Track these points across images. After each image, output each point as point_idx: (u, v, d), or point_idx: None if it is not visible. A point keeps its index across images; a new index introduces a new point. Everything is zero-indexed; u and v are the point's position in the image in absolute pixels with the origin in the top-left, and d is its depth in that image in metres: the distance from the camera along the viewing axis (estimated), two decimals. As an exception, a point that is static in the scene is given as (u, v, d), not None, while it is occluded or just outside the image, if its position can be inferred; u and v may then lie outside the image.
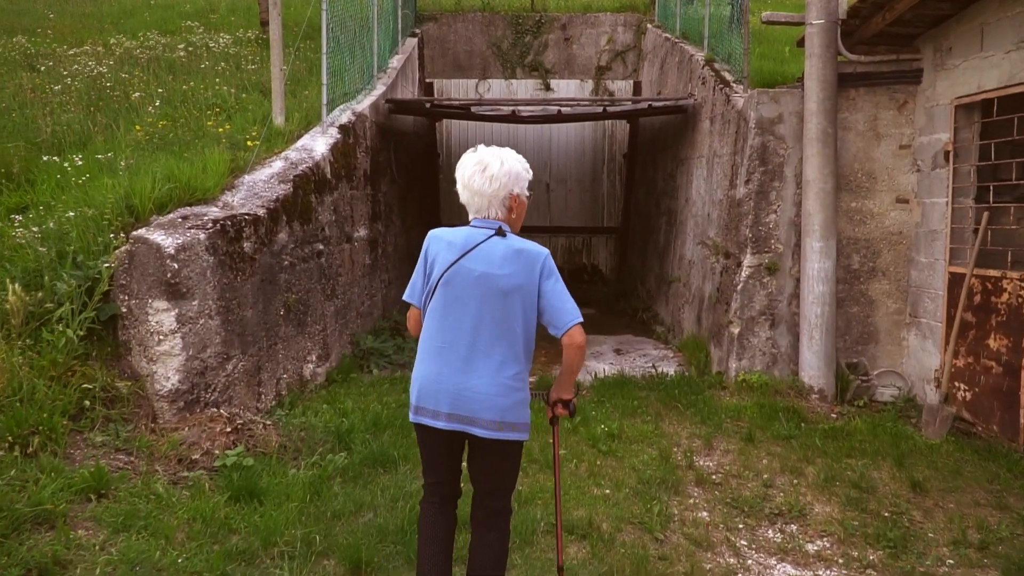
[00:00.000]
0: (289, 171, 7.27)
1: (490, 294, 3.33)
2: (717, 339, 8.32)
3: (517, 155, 3.54)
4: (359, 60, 10.16)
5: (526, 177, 3.54)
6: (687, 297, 9.86)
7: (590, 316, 12.39)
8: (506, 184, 3.42)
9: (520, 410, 3.40)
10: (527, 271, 3.35)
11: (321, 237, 7.71)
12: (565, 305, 3.37)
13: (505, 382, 3.33)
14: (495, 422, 3.33)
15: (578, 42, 15.31)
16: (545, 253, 3.42)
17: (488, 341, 3.34)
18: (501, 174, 3.41)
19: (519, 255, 3.35)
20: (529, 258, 3.37)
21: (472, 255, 3.36)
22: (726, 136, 8.67)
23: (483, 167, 3.42)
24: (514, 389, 3.36)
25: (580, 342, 3.38)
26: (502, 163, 3.44)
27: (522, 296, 3.34)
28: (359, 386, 7.68)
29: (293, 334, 7.04)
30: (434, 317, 3.42)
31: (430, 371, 3.39)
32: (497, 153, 3.48)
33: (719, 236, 8.67)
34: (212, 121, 8.16)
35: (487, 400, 3.32)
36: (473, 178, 3.43)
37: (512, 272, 3.33)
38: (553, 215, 15.46)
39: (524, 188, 3.53)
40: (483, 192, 3.41)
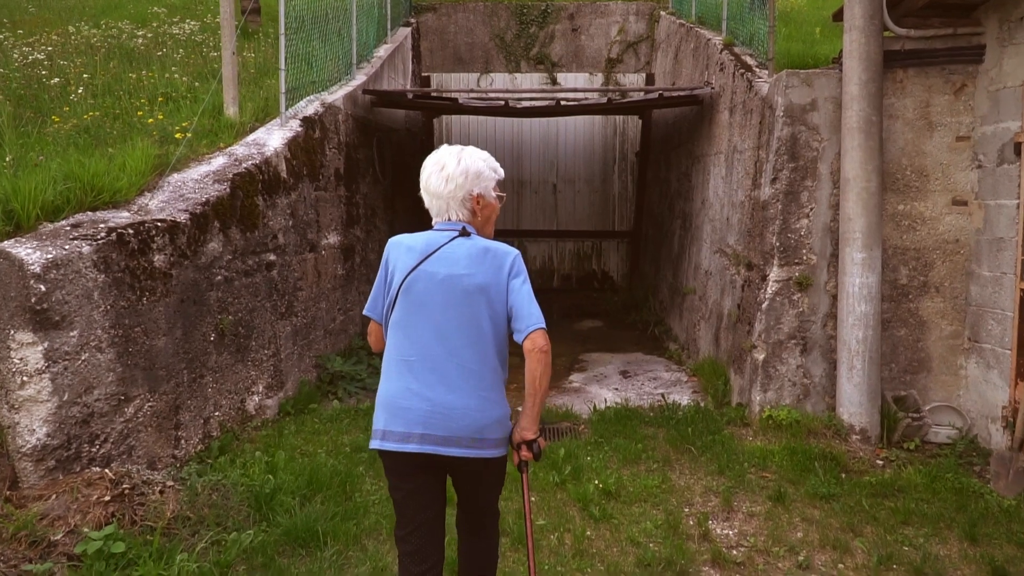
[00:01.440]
0: (229, 169, 6.01)
1: (456, 298, 3.03)
2: (738, 365, 6.99)
3: (483, 153, 3.24)
4: (335, 47, 8.91)
5: (491, 176, 3.21)
6: (703, 312, 8.53)
7: (597, 329, 11.08)
8: (463, 184, 3.12)
9: (499, 426, 3.07)
10: (494, 270, 3.04)
11: (272, 246, 6.45)
12: (530, 308, 3.03)
13: (483, 395, 3.01)
14: (475, 440, 3.00)
15: (587, 33, 13.99)
16: (515, 253, 3.11)
17: (460, 351, 3.01)
18: (457, 173, 3.13)
19: (485, 254, 3.06)
20: (497, 257, 3.06)
21: (433, 258, 3.07)
22: (748, 128, 7.34)
23: (440, 166, 3.16)
24: (493, 402, 3.04)
25: (542, 345, 2.98)
26: (459, 161, 3.15)
27: (488, 297, 3.03)
28: (316, 420, 6.42)
29: (229, 362, 5.78)
30: (398, 329, 3.10)
31: (397, 388, 3.05)
32: (456, 152, 3.19)
33: (740, 244, 7.34)
34: (143, 111, 6.92)
35: (465, 416, 2.98)
36: (430, 179, 3.17)
37: (477, 271, 3.03)
38: (560, 218, 14.15)
39: (489, 189, 3.19)
40: (440, 193, 3.14)
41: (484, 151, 3.27)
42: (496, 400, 3.06)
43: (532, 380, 2.99)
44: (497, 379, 3.08)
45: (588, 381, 8.24)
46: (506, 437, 3.11)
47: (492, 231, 3.26)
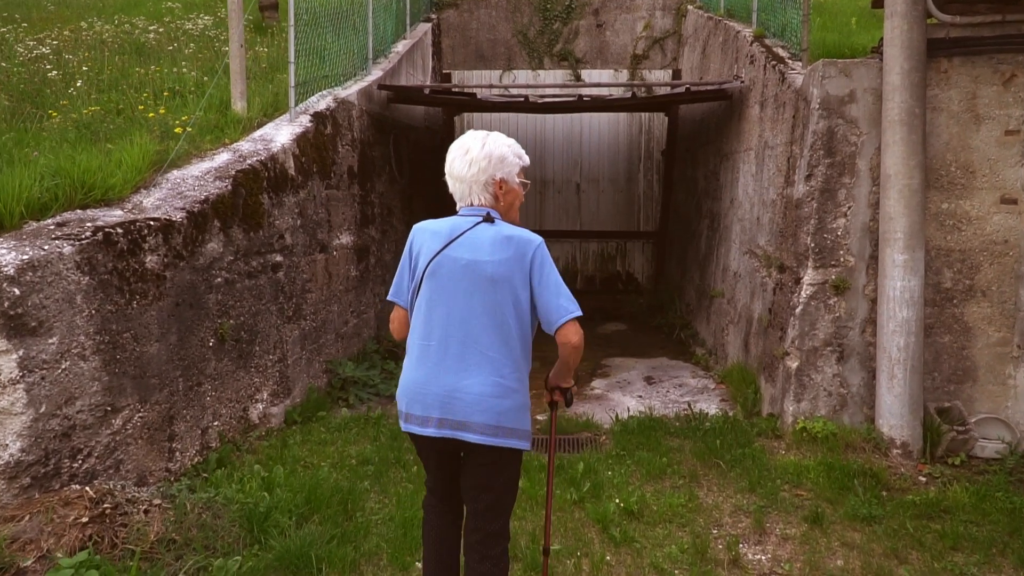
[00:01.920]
0: (232, 166, 5.68)
1: (479, 284, 2.99)
2: (769, 372, 6.56)
3: (508, 140, 3.21)
4: (350, 41, 8.58)
5: (515, 162, 3.18)
6: (732, 316, 8.10)
7: (621, 333, 10.67)
8: (486, 168, 3.10)
9: (519, 415, 3.04)
10: (518, 259, 2.99)
11: (279, 246, 6.12)
12: (559, 299, 2.98)
13: (501, 382, 2.98)
14: (490, 426, 2.97)
15: (612, 28, 13.58)
16: (538, 240, 3.05)
17: (480, 336, 2.99)
18: (480, 157, 3.10)
19: (509, 241, 3.01)
20: (520, 245, 3.01)
21: (458, 243, 3.05)
22: (780, 122, 6.91)
23: (464, 150, 3.13)
24: (512, 390, 3.00)
25: (575, 342, 3.02)
26: (483, 145, 3.12)
27: (512, 286, 2.99)
28: (323, 429, 6.07)
29: (230, 369, 5.45)
30: (420, 313, 3.10)
31: (418, 373, 3.07)
32: (481, 136, 3.16)
33: (771, 245, 6.91)
34: (144, 106, 6.61)
35: (481, 402, 2.96)
36: (454, 162, 3.15)
37: (501, 259, 2.99)
38: (584, 218, 13.74)
39: (512, 174, 3.17)
40: (463, 176, 3.12)
41: (511, 138, 3.23)
42: (515, 389, 3.01)
43: (566, 362, 3.15)
44: (518, 368, 3.03)
45: (611, 388, 7.84)
46: (526, 431, 3.06)
47: (516, 217, 3.23)
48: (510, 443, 3.01)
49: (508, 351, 3.00)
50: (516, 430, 3.02)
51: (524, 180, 3.25)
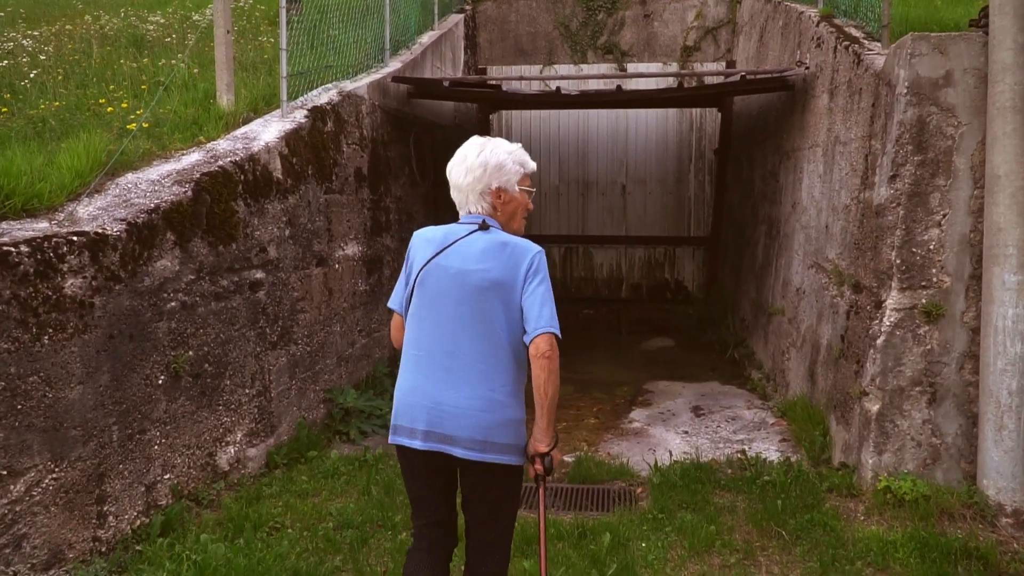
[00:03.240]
0: (199, 167, 4.73)
1: (467, 293, 2.80)
2: (842, 413, 5.39)
3: (511, 146, 3.01)
4: (363, 29, 7.60)
5: (515, 170, 2.98)
6: (794, 338, 6.92)
7: (667, 350, 9.53)
8: (481, 177, 2.92)
9: (509, 430, 2.79)
10: (511, 267, 2.80)
11: (258, 261, 5.15)
12: (541, 310, 2.76)
13: (490, 395, 2.78)
14: (477, 441, 2.76)
15: (660, 19, 12.39)
16: (536, 250, 2.85)
17: (468, 347, 2.80)
18: (476, 165, 2.93)
19: (503, 248, 2.82)
20: (516, 253, 2.82)
21: (448, 251, 2.86)
22: (855, 113, 5.72)
23: (462, 157, 2.97)
24: (501, 404, 2.79)
25: (545, 350, 2.72)
26: (479, 153, 2.95)
27: (502, 295, 2.80)
28: (308, 476, 5.09)
29: (188, 409, 4.48)
30: (412, 323, 2.91)
31: (407, 383, 2.89)
32: (480, 143, 3.00)
33: (844, 259, 5.73)
34: (104, 99, 5.69)
35: (468, 416, 2.77)
36: (453, 170, 3.00)
37: (490, 267, 2.80)
38: (630, 222, 12.58)
39: (512, 183, 2.97)
40: (460, 185, 2.96)
41: (515, 144, 3.04)
42: (506, 403, 2.80)
43: (537, 388, 2.76)
44: (509, 380, 2.83)
45: (652, 420, 6.72)
46: (518, 446, 2.83)
47: (520, 227, 3.03)
48: (500, 459, 2.79)
49: (498, 362, 2.82)
50: (507, 445, 2.80)
51: (528, 188, 3.04)
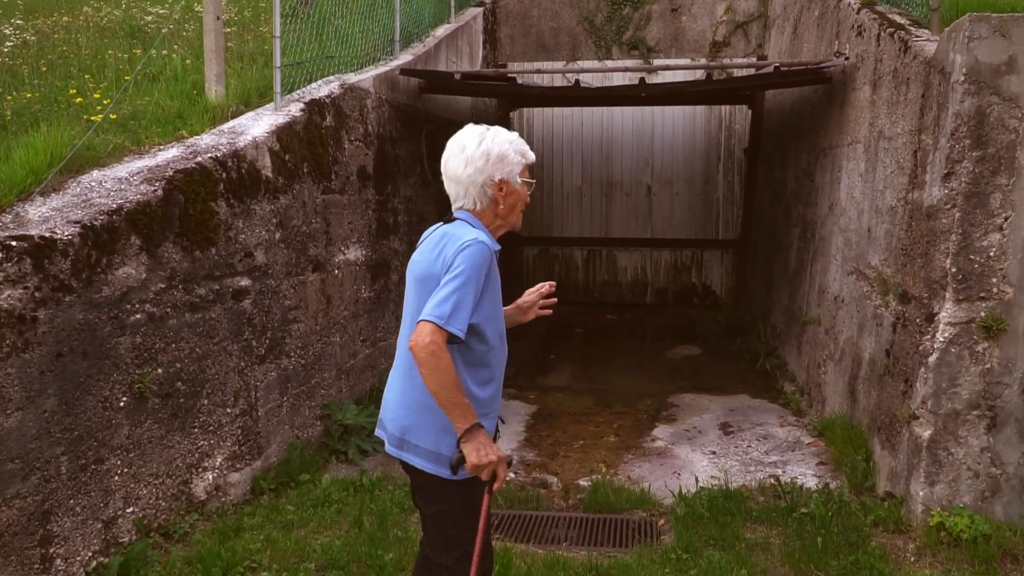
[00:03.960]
0: (174, 164, 4.27)
1: (412, 287, 2.73)
2: (888, 437, 4.83)
3: (511, 135, 2.79)
4: (371, 20, 7.14)
5: (517, 160, 2.76)
6: (831, 351, 6.34)
7: (694, 359, 8.96)
8: (484, 168, 2.70)
9: (429, 434, 2.63)
10: (438, 259, 2.60)
11: (243, 267, 4.69)
12: (435, 298, 2.49)
13: (411, 392, 2.66)
14: (396, 437, 2.72)
15: (688, 13, 11.82)
16: (467, 240, 2.57)
17: (403, 344, 2.73)
18: (478, 156, 2.70)
19: (440, 240, 2.65)
20: (447, 244, 2.61)
21: (418, 248, 2.79)
22: (902, 105, 5.15)
23: (460, 147, 2.74)
24: (423, 405, 2.61)
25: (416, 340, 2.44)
26: (480, 142, 2.72)
27: (428, 288, 2.58)
28: (295, 505, 4.61)
29: (157, 434, 4.03)
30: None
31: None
32: (479, 132, 2.77)
33: (889, 266, 5.16)
34: (75, 90, 5.26)
35: (394, 411, 2.74)
36: (449, 161, 2.76)
37: (424, 259, 2.68)
38: (655, 224, 12.02)
39: (514, 174, 2.75)
40: (458, 177, 2.74)
41: (513, 133, 2.82)
42: (428, 404, 2.59)
43: (425, 381, 2.50)
44: None
45: (677, 439, 6.18)
46: (438, 453, 2.63)
47: (519, 220, 2.86)
48: (416, 462, 2.66)
49: None
50: (421, 448, 2.65)
51: (529, 179, 2.84)
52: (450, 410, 2.48)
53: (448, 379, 2.45)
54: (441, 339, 2.44)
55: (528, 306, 3.10)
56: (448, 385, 2.45)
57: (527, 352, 9.20)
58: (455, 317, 2.45)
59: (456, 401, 2.47)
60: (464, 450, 2.47)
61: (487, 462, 2.48)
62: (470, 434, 2.47)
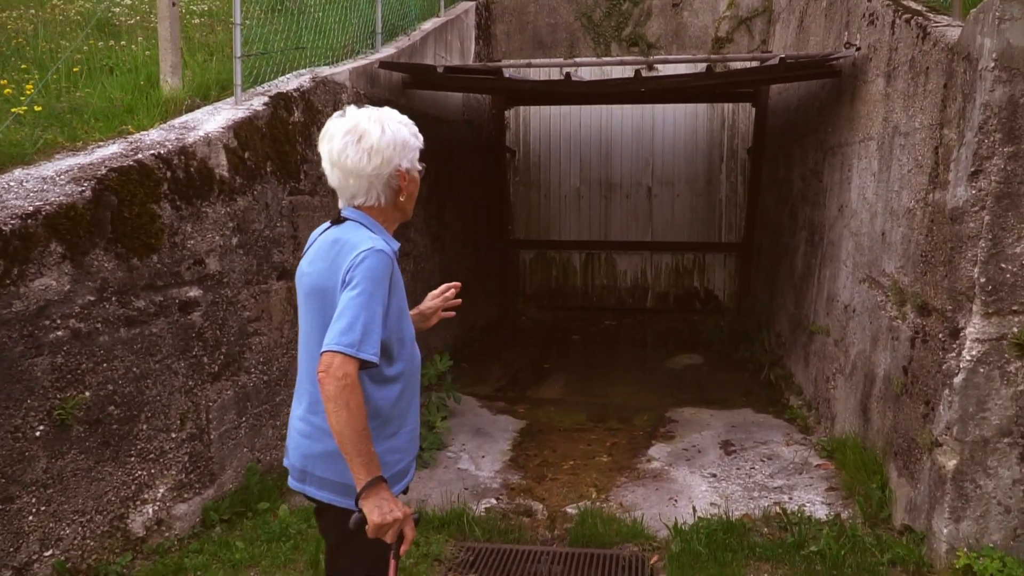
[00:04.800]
0: (109, 162, 3.79)
1: (305, 302, 2.43)
2: (906, 463, 4.33)
3: (401, 116, 2.46)
4: (358, 9, 6.67)
5: (416, 146, 2.47)
6: (841, 364, 5.84)
7: (695, 369, 8.47)
8: (391, 158, 2.37)
9: (333, 464, 2.30)
10: (333, 269, 2.29)
11: (193, 276, 4.21)
12: (337, 323, 2.17)
13: (311, 419, 2.38)
14: (298, 469, 2.42)
15: (690, 8, 11.33)
16: (363, 248, 2.25)
17: (304, 365, 2.45)
18: (384, 144, 2.35)
19: (332, 247, 2.34)
20: (342, 252, 2.29)
21: (306, 256, 2.47)
22: (920, 97, 4.65)
23: (358, 136, 2.35)
24: (324, 432, 2.27)
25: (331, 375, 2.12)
26: (383, 129, 2.36)
27: (323, 303, 2.32)
28: (246, 540, 4.13)
29: (84, 465, 3.55)
30: None
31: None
32: (371, 116, 2.39)
33: (906, 273, 4.66)
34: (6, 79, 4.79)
35: (296, 440, 2.43)
36: (344, 152, 2.35)
37: (315, 270, 2.37)
38: (656, 227, 11.52)
39: (415, 160, 2.46)
40: (361, 171, 2.36)
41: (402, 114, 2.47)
42: (328, 430, 2.20)
43: (329, 419, 2.15)
44: None
45: (674, 459, 5.69)
46: (346, 484, 2.26)
47: (411, 210, 2.54)
48: (321, 495, 2.38)
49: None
50: (326, 480, 2.36)
51: (422, 166, 2.52)
52: (352, 457, 2.16)
53: (356, 421, 2.15)
54: (354, 371, 2.14)
55: (431, 311, 2.79)
56: (355, 428, 2.15)
57: (520, 361, 8.72)
58: (366, 342, 2.16)
59: (360, 449, 2.16)
60: (364, 508, 2.16)
61: (391, 520, 2.16)
62: (371, 489, 2.16)
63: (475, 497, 5.04)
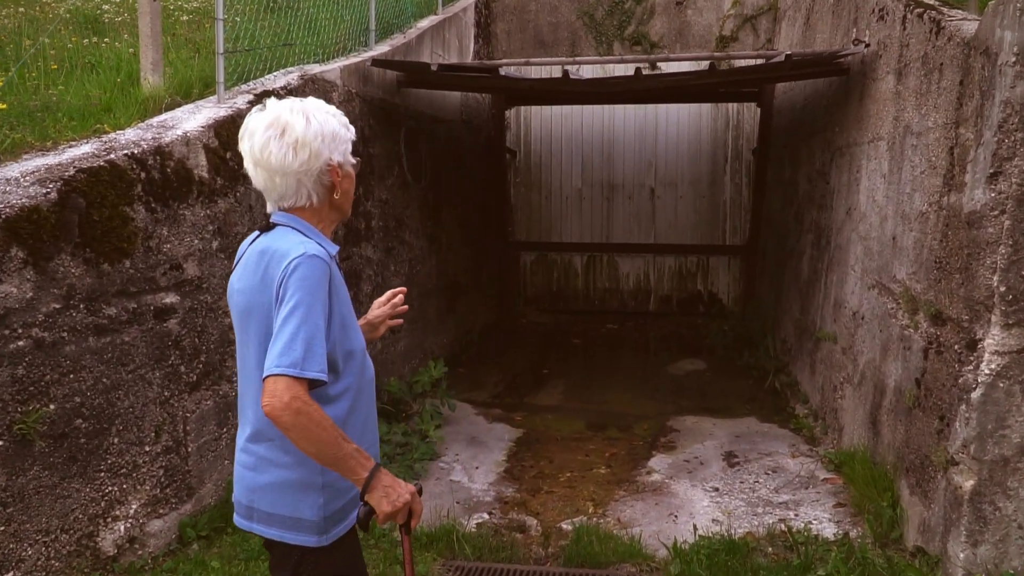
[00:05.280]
0: (79, 162, 3.58)
1: (239, 320, 2.20)
2: (918, 481, 4.10)
3: (328, 106, 2.23)
4: (350, 5, 6.46)
5: (347, 137, 2.23)
6: (849, 373, 5.61)
7: (698, 375, 8.23)
8: (320, 152, 2.14)
9: (282, 496, 2.13)
10: (265, 284, 2.07)
11: (169, 281, 4.00)
12: (275, 344, 1.97)
13: (254, 448, 2.17)
14: (244, 505, 2.20)
15: (694, 7, 11.08)
16: (295, 256, 2.04)
17: (244, 390, 2.23)
18: (311, 137, 2.13)
19: (261, 258, 2.10)
20: (272, 264, 2.07)
21: (236, 270, 2.24)
22: (934, 95, 4.42)
23: (280, 129, 2.13)
24: (269, 462, 2.14)
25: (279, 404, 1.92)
26: (309, 120, 2.14)
27: (258, 322, 2.11)
28: (230, 556, 3.92)
29: (49, 482, 3.34)
30: None
31: None
32: (297, 107, 2.17)
33: (919, 280, 4.42)
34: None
35: (240, 473, 2.22)
36: (267, 149, 2.13)
37: (246, 286, 2.14)
38: (659, 229, 11.28)
39: (347, 153, 2.23)
40: (287, 168, 2.12)
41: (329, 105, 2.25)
42: (273, 459, 2.13)
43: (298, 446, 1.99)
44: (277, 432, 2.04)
45: (675, 472, 5.46)
46: (297, 519, 2.12)
47: (350, 207, 2.33)
48: (268, 533, 2.15)
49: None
50: (275, 516, 2.12)
51: (356, 160, 2.27)
52: (340, 465, 2.03)
53: (326, 434, 1.98)
54: (303, 392, 1.96)
55: (379, 320, 2.61)
56: (329, 440, 1.99)
57: (519, 366, 8.49)
58: (310, 359, 1.97)
59: (344, 453, 2.02)
60: (372, 501, 2.06)
61: (402, 504, 2.09)
62: (373, 481, 2.05)
63: (467, 511, 4.81)
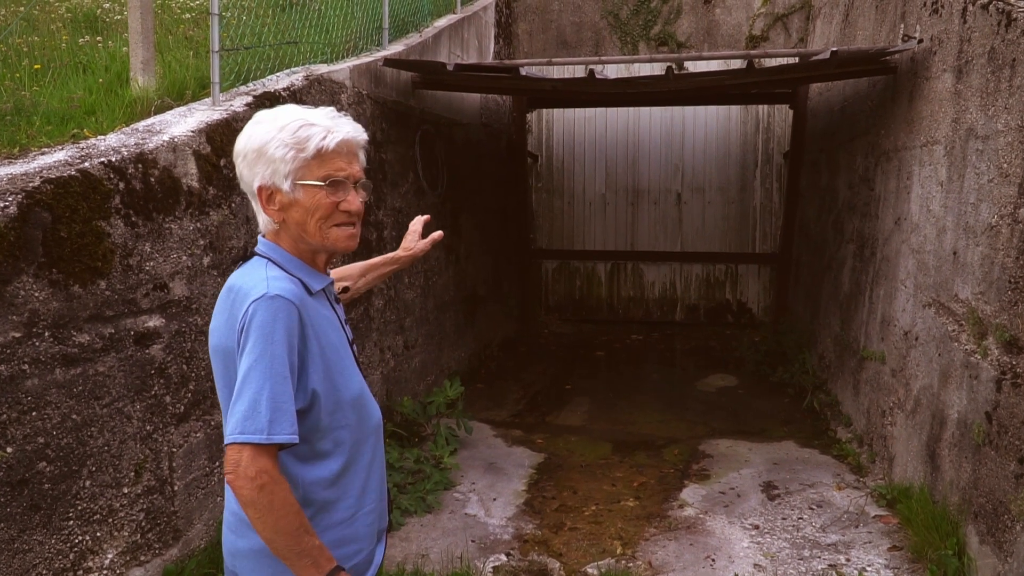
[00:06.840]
0: (45, 172, 3.18)
1: (213, 365, 1.93)
2: (991, 529, 3.61)
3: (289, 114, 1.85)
4: (364, 2, 6.06)
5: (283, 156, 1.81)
6: (900, 397, 5.11)
7: (729, 392, 7.75)
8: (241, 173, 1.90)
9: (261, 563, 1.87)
10: (230, 326, 1.83)
11: (152, 303, 3.59)
12: (239, 401, 1.72)
13: (236, 509, 1.89)
14: (229, 569, 1.99)
15: (722, 5, 10.59)
16: (255, 297, 1.77)
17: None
18: (238, 155, 1.89)
19: (228, 296, 1.87)
20: (235, 303, 1.83)
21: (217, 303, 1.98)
22: (1004, 94, 3.93)
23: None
24: (248, 527, 1.82)
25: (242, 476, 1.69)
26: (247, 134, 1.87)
27: (225, 366, 1.87)
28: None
29: (5, 536, 2.94)
30: None
31: None
32: (259, 116, 1.88)
33: (988, 301, 3.93)
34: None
35: (223, 532, 1.98)
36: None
37: (217, 326, 1.90)
38: (686, 236, 10.80)
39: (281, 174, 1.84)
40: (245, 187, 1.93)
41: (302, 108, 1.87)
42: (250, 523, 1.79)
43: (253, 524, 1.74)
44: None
45: (710, 505, 4.99)
46: None
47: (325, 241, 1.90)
48: None
49: None
50: None
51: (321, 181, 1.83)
52: (294, 561, 1.75)
53: (286, 522, 1.73)
54: (270, 464, 1.71)
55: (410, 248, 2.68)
56: (288, 529, 1.73)
57: (541, 381, 8.04)
58: (278, 421, 1.71)
59: (301, 548, 1.75)
60: None
61: None
62: None
63: (483, 552, 4.38)
